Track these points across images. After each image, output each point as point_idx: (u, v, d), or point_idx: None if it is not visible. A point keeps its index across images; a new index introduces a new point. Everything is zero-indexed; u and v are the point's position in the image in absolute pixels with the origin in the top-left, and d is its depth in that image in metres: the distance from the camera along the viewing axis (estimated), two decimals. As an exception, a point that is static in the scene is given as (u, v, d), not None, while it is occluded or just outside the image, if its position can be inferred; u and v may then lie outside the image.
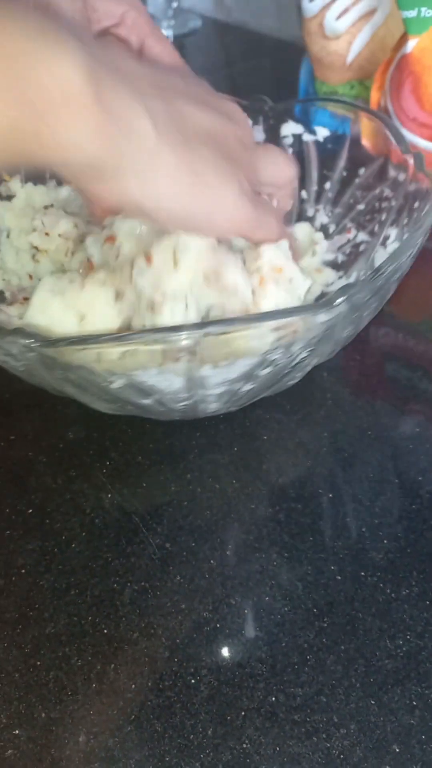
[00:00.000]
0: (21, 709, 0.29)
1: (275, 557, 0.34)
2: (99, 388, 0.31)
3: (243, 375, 0.31)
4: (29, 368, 0.30)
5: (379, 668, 0.30)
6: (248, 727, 0.28)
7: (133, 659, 0.31)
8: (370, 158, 0.46)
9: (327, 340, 0.31)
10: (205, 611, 0.32)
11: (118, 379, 0.30)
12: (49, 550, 0.35)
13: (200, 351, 0.27)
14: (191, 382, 0.30)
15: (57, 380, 0.31)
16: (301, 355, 0.32)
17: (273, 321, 0.27)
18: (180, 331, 0.26)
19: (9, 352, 0.29)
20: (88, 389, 0.31)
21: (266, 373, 0.32)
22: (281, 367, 0.32)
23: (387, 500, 0.37)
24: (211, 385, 0.31)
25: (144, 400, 0.32)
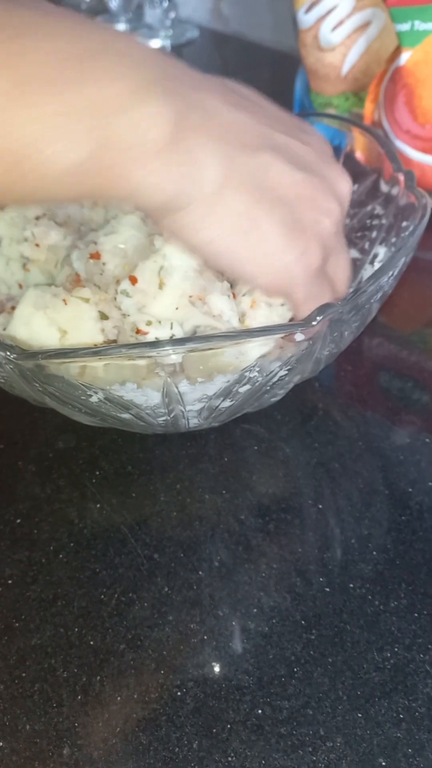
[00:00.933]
0: (5, 721, 0.29)
1: (264, 568, 0.34)
2: (78, 402, 0.31)
3: (221, 391, 0.31)
4: (9, 380, 0.30)
5: (367, 681, 0.30)
6: (234, 740, 0.28)
7: (119, 671, 0.31)
8: (363, 174, 0.46)
9: (307, 358, 0.31)
10: (193, 623, 0.32)
11: (96, 394, 0.30)
12: (37, 560, 0.35)
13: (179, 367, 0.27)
14: (169, 398, 0.30)
15: (37, 392, 0.31)
16: (279, 373, 0.32)
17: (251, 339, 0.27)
18: (158, 347, 0.26)
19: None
20: (67, 402, 0.31)
21: (245, 390, 0.32)
22: (260, 385, 0.32)
23: (376, 511, 0.37)
24: (190, 400, 0.31)
25: (123, 414, 0.32)
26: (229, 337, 0.27)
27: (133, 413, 0.32)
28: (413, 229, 0.33)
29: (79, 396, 0.30)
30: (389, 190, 0.43)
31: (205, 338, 0.27)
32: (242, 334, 0.28)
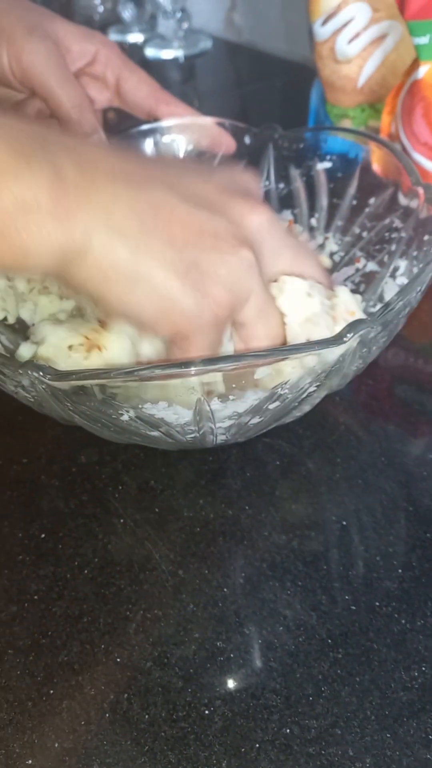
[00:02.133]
0: (34, 739, 0.29)
1: (289, 585, 0.34)
2: (109, 420, 0.31)
3: (251, 408, 0.31)
4: (39, 399, 0.31)
5: (394, 700, 0.30)
6: (263, 759, 0.28)
7: (147, 689, 0.31)
8: (380, 186, 0.46)
9: (336, 373, 0.32)
10: (219, 640, 0.32)
11: (128, 412, 0.30)
12: (62, 576, 0.35)
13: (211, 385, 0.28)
14: (200, 416, 0.30)
15: (67, 412, 0.31)
16: (309, 389, 0.32)
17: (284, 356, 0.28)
18: (189, 366, 0.26)
19: (20, 383, 0.29)
20: (97, 421, 0.31)
21: (274, 407, 0.32)
22: (290, 401, 0.32)
23: (401, 528, 0.37)
24: (220, 418, 0.31)
25: (152, 432, 0.32)
26: (262, 356, 0.27)
27: (162, 431, 0.32)
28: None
29: (110, 415, 0.30)
30: (408, 203, 0.44)
31: (239, 357, 0.27)
32: (276, 352, 0.28)
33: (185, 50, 1.04)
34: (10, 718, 0.30)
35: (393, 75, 0.62)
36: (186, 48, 1.04)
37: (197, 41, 1.06)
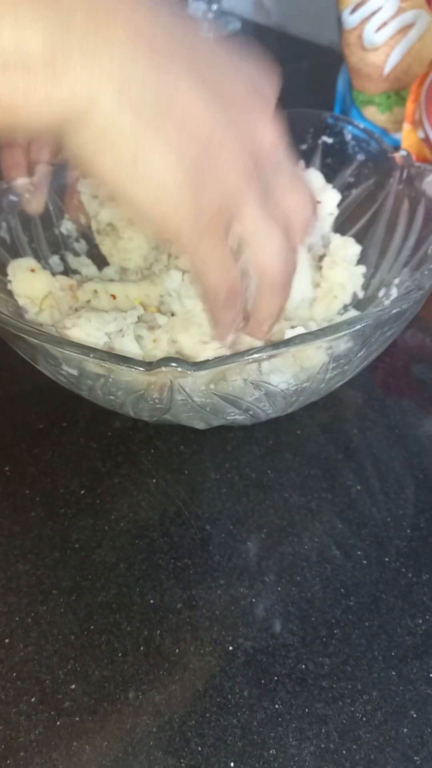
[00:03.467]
0: (77, 667, 0.33)
1: (306, 541, 0.37)
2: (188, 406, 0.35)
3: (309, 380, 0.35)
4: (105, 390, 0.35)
5: (400, 643, 0.33)
6: (280, 690, 0.32)
7: (177, 627, 0.34)
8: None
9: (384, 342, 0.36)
10: (242, 587, 0.36)
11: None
12: (100, 527, 0.39)
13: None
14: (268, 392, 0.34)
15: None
16: (359, 354, 0.35)
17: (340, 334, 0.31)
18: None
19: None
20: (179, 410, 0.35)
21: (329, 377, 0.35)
22: (341, 373, 0.36)
23: (411, 493, 0.40)
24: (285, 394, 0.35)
25: (229, 410, 0.36)
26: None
27: (242, 408, 0.35)
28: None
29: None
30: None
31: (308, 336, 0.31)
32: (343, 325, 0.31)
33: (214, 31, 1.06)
34: (55, 649, 0.34)
35: (419, 63, 0.64)
36: (215, 29, 1.06)
37: (226, 23, 1.07)
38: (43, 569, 0.37)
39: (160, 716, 0.31)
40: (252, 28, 1.09)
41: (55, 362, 0.34)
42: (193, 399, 0.34)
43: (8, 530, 0.39)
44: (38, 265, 0.42)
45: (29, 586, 0.36)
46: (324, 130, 0.49)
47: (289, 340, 0.31)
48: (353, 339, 0.33)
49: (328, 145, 0.49)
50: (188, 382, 0.32)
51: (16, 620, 0.35)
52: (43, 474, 0.42)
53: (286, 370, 0.33)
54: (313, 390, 0.36)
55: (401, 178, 0.44)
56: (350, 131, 0.48)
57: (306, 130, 0.50)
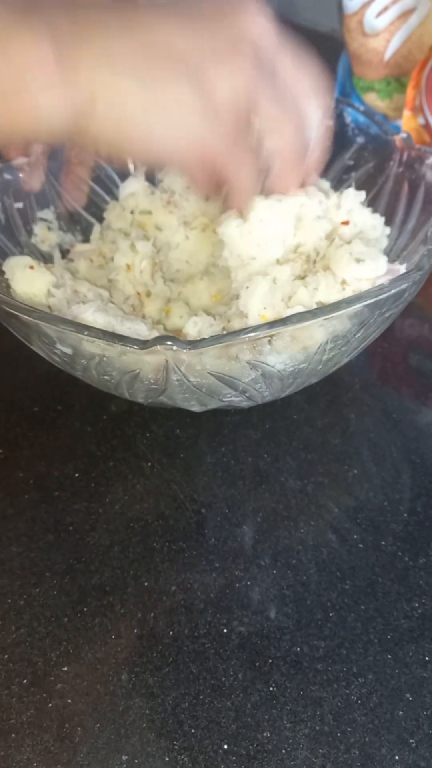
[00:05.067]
0: (70, 649, 0.33)
1: (302, 525, 0.37)
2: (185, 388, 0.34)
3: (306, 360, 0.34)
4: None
5: (396, 627, 0.33)
6: (275, 672, 0.31)
7: (171, 609, 0.34)
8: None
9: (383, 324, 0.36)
10: (237, 570, 0.35)
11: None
12: (94, 510, 0.38)
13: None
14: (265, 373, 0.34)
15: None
16: (357, 335, 0.35)
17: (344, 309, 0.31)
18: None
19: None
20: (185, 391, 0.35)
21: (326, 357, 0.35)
22: (341, 354, 0.35)
23: (408, 478, 0.39)
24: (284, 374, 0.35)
25: (226, 392, 0.35)
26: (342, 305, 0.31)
27: (239, 389, 0.35)
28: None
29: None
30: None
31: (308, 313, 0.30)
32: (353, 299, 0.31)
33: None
34: (47, 631, 0.33)
35: (419, 49, 0.63)
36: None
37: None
38: (37, 551, 0.36)
39: (153, 698, 0.31)
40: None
41: (49, 341, 0.34)
42: (189, 379, 0.33)
43: (2, 513, 0.38)
44: (36, 262, 0.41)
45: (22, 568, 0.36)
46: (323, 112, 0.48)
47: (286, 318, 0.31)
48: (351, 320, 0.33)
49: (327, 128, 0.48)
50: (184, 362, 0.32)
51: (8, 602, 0.34)
52: (37, 457, 0.41)
53: (283, 350, 0.33)
54: (310, 371, 0.35)
55: (401, 161, 0.44)
56: (350, 114, 0.47)
57: (305, 112, 0.49)
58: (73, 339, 0.32)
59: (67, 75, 0.28)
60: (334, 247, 0.39)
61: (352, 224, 0.40)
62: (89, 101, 0.28)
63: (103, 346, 0.32)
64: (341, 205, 0.40)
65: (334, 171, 0.48)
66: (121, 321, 0.36)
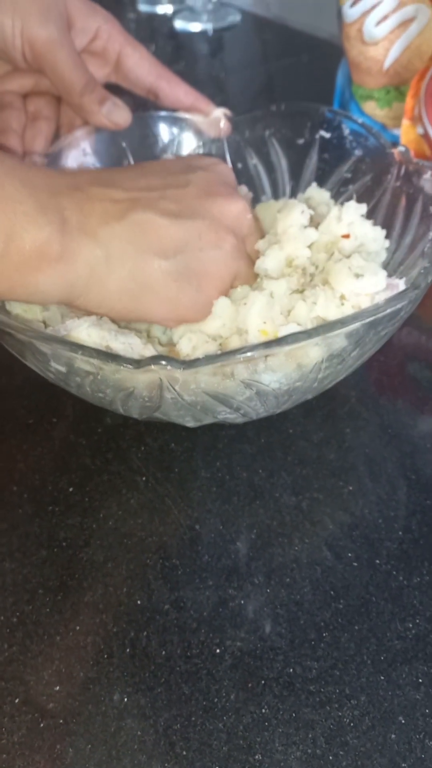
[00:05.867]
0: (61, 668, 0.33)
1: (296, 542, 0.37)
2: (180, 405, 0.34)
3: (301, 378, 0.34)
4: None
5: (390, 648, 0.33)
6: (267, 694, 0.31)
7: (164, 628, 0.34)
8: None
9: (376, 343, 0.36)
10: (231, 588, 0.35)
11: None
12: (88, 525, 0.38)
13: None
14: (259, 391, 0.34)
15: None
16: (352, 354, 0.34)
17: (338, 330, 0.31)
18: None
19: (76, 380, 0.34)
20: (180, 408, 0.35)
21: (322, 375, 0.35)
22: (337, 371, 0.35)
23: (403, 495, 0.39)
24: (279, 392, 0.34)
25: (219, 409, 0.35)
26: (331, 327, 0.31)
27: (233, 407, 0.34)
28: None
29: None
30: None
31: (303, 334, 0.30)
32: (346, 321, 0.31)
33: (214, 23, 1.05)
34: (40, 650, 0.33)
35: (419, 58, 0.63)
36: (214, 21, 1.05)
37: (226, 15, 1.06)
38: (30, 567, 0.36)
39: (146, 719, 0.31)
40: (252, 20, 1.08)
41: (43, 358, 0.33)
42: (183, 397, 0.33)
43: (-5, 527, 0.38)
44: None
45: (15, 584, 0.36)
46: (322, 124, 0.48)
47: (281, 338, 0.30)
48: (347, 338, 0.33)
49: (325, 140, 0.48)
50: (178, 380, 0.31)
51: (1, 620, 0.34)
52: (31, 470, 0.41)
53: (278, 369, 0.32)
54: (305, 389, 0.35)
55: (399, 175, 0.44)
56: (348, 126, 0.47)
57: (303, 124, 0.49)
58: (67, 357, 0.32)
59: (68, 263, 0.32)
60: (333, 261, 0.38)
61: (352, 237, 0.40)
62: (84, 286, 0.34)
63: (97, 364, 0.32)
64: (342, 218, 0.40)
65: (331, 183, 0.48)
66: (115, 335, 0.36)
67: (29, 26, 0.42)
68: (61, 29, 0.43)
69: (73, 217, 0.33)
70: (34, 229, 0.31)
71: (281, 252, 0.39)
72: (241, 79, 0.93)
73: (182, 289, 0.36)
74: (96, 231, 0.34)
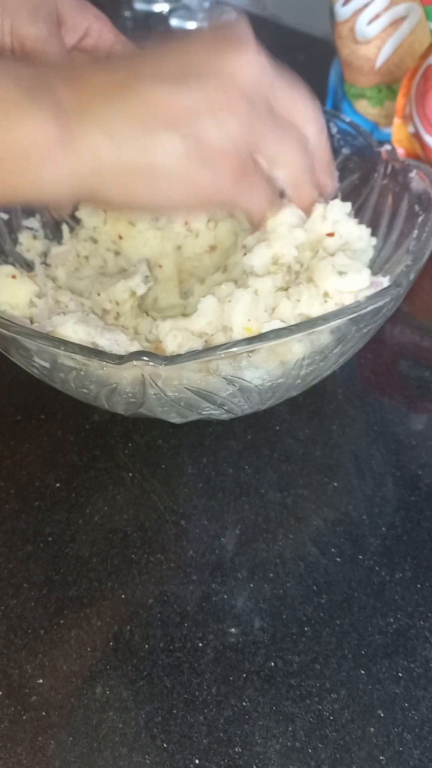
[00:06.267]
0: (45, 662, 0.33)
1: (281, 538, 0.37)
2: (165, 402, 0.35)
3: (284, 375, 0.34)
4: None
5: (371, 642, 0.33)
6: (248, 687, 0.32)
7: (147, 622, 0.34)
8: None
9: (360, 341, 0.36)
10: (215, 583, 0.35)
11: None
12: (74, 521, 0.38)
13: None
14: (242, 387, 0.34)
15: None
16: (335, 350, 0.35)
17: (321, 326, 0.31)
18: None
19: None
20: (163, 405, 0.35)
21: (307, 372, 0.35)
22: (321, 368, 0.36)
23: (387, 491, 0.39)
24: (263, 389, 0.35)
25: (204, 405, 0.35)
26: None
27: (217, 403, 0.35)
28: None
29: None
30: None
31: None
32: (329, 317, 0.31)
33: (210, 22, 1.05)
34: (24, 643, 0.34)
35: (410, 57, 0.63)
36: (210, 19, 1.05)
37: (221, 13, 1.06)
38: (15, 562, 0.37)
39: (127, 712, 0.31)
40: (247, 18, 1.09)
41: (27, 354, 0.34)
42: (167, 393, 0.33)
43: (-19, 523, 0.38)
44: (18, 272, 0.41)
45: (0, 579, 0.36)
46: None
47: (263, 335, 0.31)
48: (330, 335, 0.33)
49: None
50: (161, 377, 0.32)
51: (-15, 613, 0.35)
52: (18, 466, 0.42)
53: (260, 365, 0.33)
54: (288, 386, 0.35)
55: (386, 173, 0.44)
56: (337, 125, 0.47)
57: (292, 122, 0.49)
58: (51, 353, 0.33)
59: (69, 151, 0.30)
60: (317, 259, 0.39)
61: (337, 236, 0.40)
62: (93, 174, 0.31)
63: (80, 360, 0.32)
64: (326, 216, 0.40)
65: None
66: (101, 332, 0.36)
67: (18, 24, 0.42)
68: (51, 27, 0.43)
69: (65, 95, 0.30)
70: (26, 117, 0.29)
71: (268, 250, 0.39)
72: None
73: (195, 167, 0.32)
74: (95, 110, 0.30)
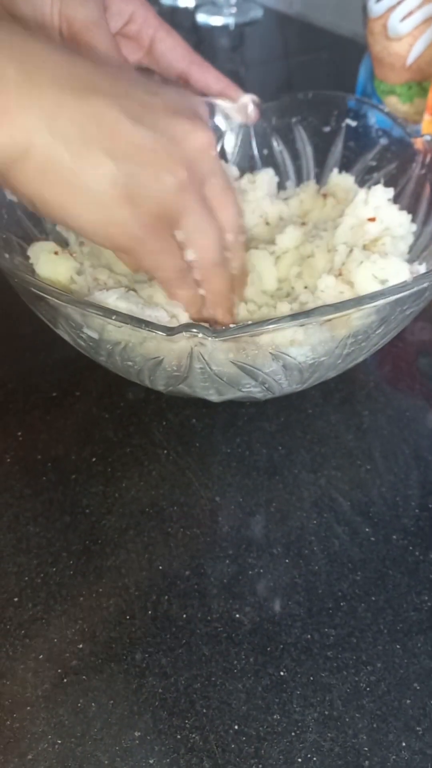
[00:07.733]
0: (84, 628, 0.33)
1: (315, 516, 0.38)
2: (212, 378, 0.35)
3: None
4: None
5: (405, 618, 0.33)
6: (286, 658, 0.32)
7: (185, 593, 0.34)
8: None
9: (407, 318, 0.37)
10: (250, 558, 0.36)
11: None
12: (111, 494, 0.39)
13: None
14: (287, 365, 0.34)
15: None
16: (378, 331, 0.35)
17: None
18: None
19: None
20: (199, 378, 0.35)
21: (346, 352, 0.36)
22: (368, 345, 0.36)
23: (419, 475, 0.40)
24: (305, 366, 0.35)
25: (246, 382, 0.36)
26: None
27: (258, 380, 0.35)
28: None
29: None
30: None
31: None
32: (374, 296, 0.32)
33: (236, 18, 1.06)
34: (63, 610, 0.34)
35: (442, 55, 0.64)
36: (237, 16, 1.06)
37: (248, 10, 1.07)
38: (54, 532, 0.37)
39: (166, 678, 0.31)
40: (274, 16, 1.09)
41: (76, 325, 0.34)
42: (211, 368, 0.34)
43: (19, 492, 0.39)
44: (60, 248, 0.42)
45: (39, 547, 0.36)
46: (348, 112, 0.49)
47: (308, 311, 0.31)
48: (373, 315, 0.34)
49: (351, 128, 0.49)
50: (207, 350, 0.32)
51: (25, 580, 0.35)
52: (54, 441, 0.42)
53: (305, 342, 0.33)
54: (329, 365, 0.36)
55: (423, 163, 0.45)
56: (374, 115, 0.48)
57: (330, 112, 0.50)
58: (99, 324, 0.33)
59: (2, 119, 0.28)
60: (355, 262, 0.38)
61: (378, 221, 0.41)
62: (14, 154, 0.29)
63: (128, 332, 0.32)
64: (368, 201, 0.41)
65: (356, 171, 0.49)
66: (142, 308, 0.37)
67: (68, 5, 0.43)
68: (99, 11, 0.44)
69: (11, 68, 0.28)
70: None
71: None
72: (260, 73, 0.94)
73: (120, 202, 0.31)
74: (43, 96, 0.29)
